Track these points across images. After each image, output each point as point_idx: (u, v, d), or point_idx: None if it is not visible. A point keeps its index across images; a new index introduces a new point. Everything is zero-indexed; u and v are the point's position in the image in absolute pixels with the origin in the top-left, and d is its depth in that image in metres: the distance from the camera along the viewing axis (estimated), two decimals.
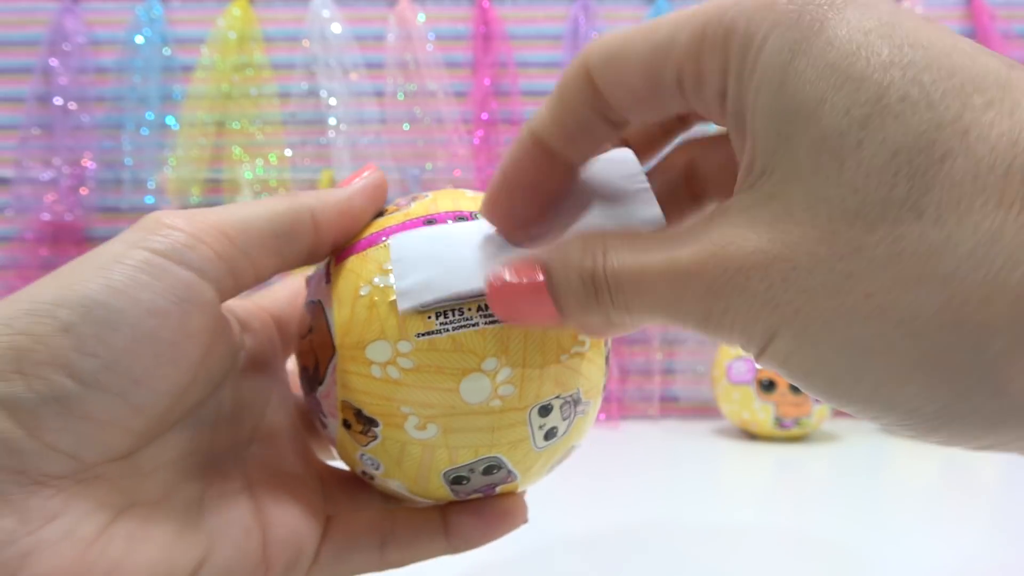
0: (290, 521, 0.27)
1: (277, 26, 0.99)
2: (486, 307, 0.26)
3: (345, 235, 0.28)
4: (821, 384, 0.18)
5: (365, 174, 0.29)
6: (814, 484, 0.64)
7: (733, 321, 0.19)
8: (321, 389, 0.28)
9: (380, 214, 0.30)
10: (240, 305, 0.30)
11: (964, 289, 0.15)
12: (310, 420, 0.32)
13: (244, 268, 0.24)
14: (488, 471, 0.28)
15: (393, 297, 0.26)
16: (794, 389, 0.77)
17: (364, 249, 0.28)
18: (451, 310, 0.26)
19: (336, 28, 0.98)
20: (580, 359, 0.28)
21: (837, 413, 0.95)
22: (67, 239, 0.95)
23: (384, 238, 0.27)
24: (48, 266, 0.95)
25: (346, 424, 0.28)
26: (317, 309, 0.29)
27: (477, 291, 0.25)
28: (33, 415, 0.20)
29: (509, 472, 0.28)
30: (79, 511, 0.21)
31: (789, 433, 0.79)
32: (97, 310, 0.20)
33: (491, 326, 0.26)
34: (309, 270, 0.31)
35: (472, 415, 0.26)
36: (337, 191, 0.27)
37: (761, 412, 0.78)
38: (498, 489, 0.30)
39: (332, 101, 0.97)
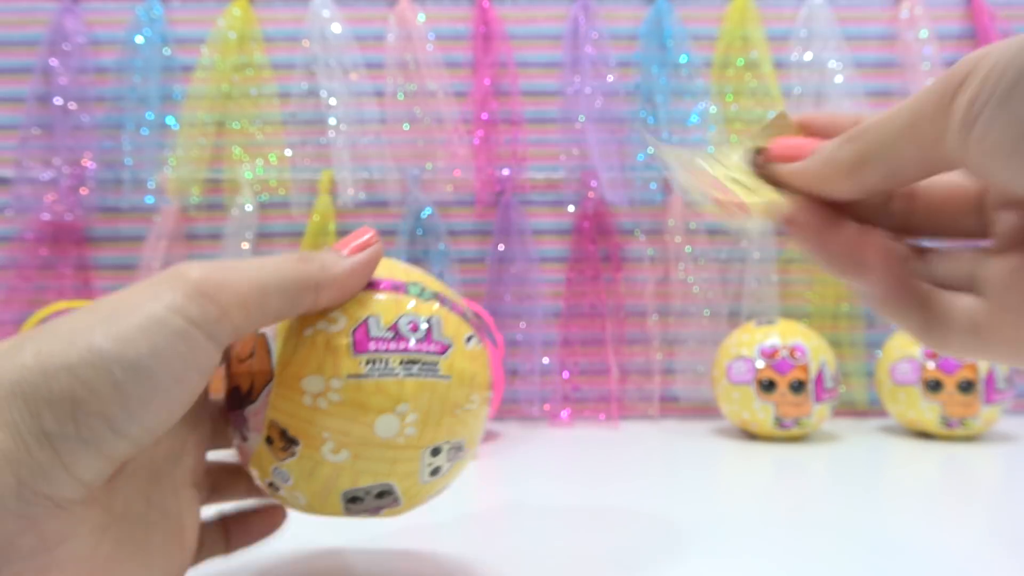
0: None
1: (277, 26, 1.00)
2: (407, 361, 0.33)
3: (337, 303, 0.33)
4: None
5: (367, 248, 0.33)
6: (814, 484, 0.64)
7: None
8: (251, 408, 0.34)
9: None
10: None
11: None
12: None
13: (247, 330, 0.29)
14: (380, 495, 0.34)
15: (336, 341, 0.32)
16: (794, 389, 0.77)
17: None
18: (378, 360, 0.33)
19: (336, 28, 0.98)
20: (469, 414, 0.35)
21: (837, 413, 0.95)
22: (67, 239, 0.95)
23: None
24: (48, 266, 0.95)
25: (269, 440, 0.33)
26: (262, 340, 0.34)
27: None
28: (73, 454, 0.23)
29: (396, 499, 0.35)
30: (82, 532, 0.25)
31: (789, 433, 0.79)
32: (143, 373, 0.24)
33: (409, 378, 0.33)
34: None
35: (379, 447, 0.33)
36: (342, 264, 0.32)
37: (761, 412, 0.78)
38: (382, 512, 0.36)
39: (332, 101, 0.97)
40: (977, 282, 0.25)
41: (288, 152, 0.98)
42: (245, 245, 0.96)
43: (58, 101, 0.96)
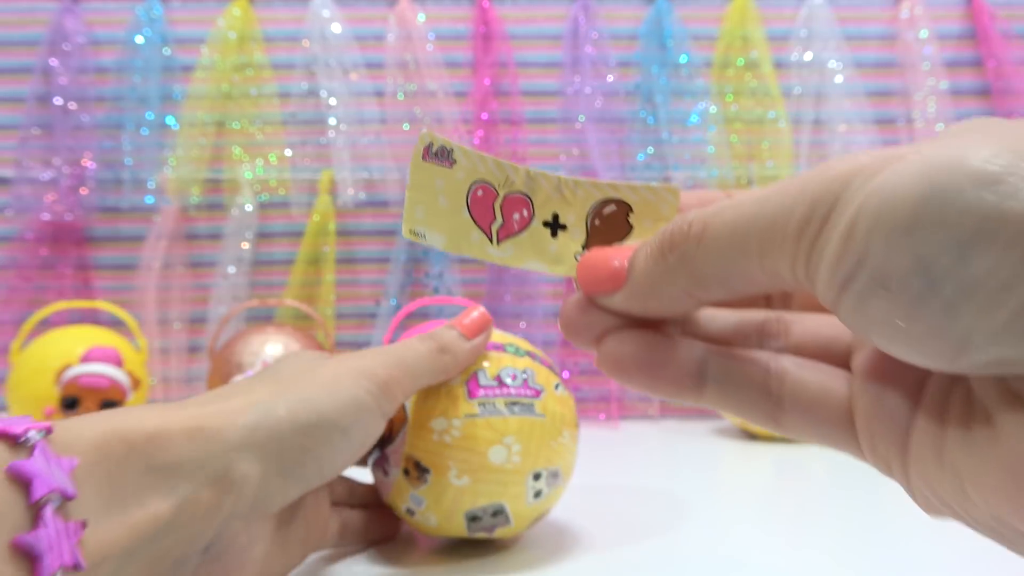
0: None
1: (277, 26, 1.00)
2: (510, 403, 0.42)
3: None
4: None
5: (484, 330, 0.43)
6: (814, 484, 0.64)
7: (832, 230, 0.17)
8: (391, 447, 0.44)
9: None
10: None
11: None
12: None
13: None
14: (495, 514, 0.43)
15: (454, 390, 0.42)
16: None
17: None
18: (487, 403, 0.42)
19: (336, 28, 0.98)
20: (562, 446, 0.44)
21: None
22: (67, 239, 0.95)
23: None
24: (48, 266, 0.95)
25: (406, 472, 0.43)
26: None
27: None
28: (292, 486, 0.34)
29: (508, 518, 0.43)
30: (267, 534, 0.34)
31: None
32: (348, 436, 0.36)
33: (512, 416, 0.42)
34: None
35: (493, 471, 0.42)
36: (465, 348, 0.42)
37: None
38: (496, 531, 0.44)
39: (332, 101, 0.97)
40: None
41: (288, 152, 0.98)
42: (245, 245, 0.96)
43: (58, 101, 0.96)
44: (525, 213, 0.23)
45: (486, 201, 0.23)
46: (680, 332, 0.23)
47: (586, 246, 0.23)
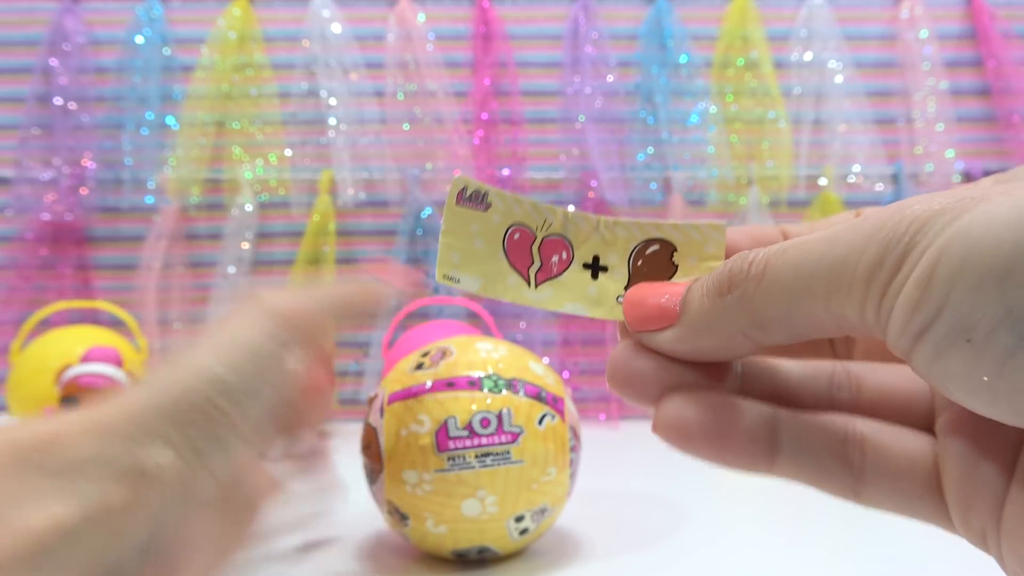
0: None
1: (277, 26, 0.99)
2: (481, 455, 0.41)
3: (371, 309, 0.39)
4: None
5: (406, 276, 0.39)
6: None
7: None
8: (374, 487, 0.45)
9: (419, 365, 0.45)
10: None
11: None
12: None
13: (315, 342, 0.35)
14: (480, 552, 0.44)
15: (422, 441, 0.42)
16: None
17: (405, 399, 0.44)
18: (457, 456, 0.41)
19: (336, 28, 0.98)
20: (548, 484, 0.43)
21: None
22: (67, 239, 0.95)
23: (420, 393, 0.44)
24: (48, 266, 0.95)
25: (389, 512, 0.45)
26: (373, 434, 0.45)
27: None
28: (215, 463, 0.30)
29: (495, 552, 0.44)
30: (204, 524, 0.31)
31: None
32: (255, 392, 0.31)
33: (484, 469, 0.42)
34: (373, 391, 0.47)
35: (469, 522, 0.42)
36: (374, 287, 0.38)
37: None
38: (487, 560, 0.45)
39: (332, 101, 0.97)
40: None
41: (288, 152, 0.98)
42: (245, 245, 0.96)
43: (58, 101, 0.96)
44: (564, 256, 0.22)
45: (523, 244, 0.22)
46: (739, 387, 0.21)
47: (628, 287, 0.22)
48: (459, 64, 1.00)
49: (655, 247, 0.22)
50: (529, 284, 0.22)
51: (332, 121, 0.97)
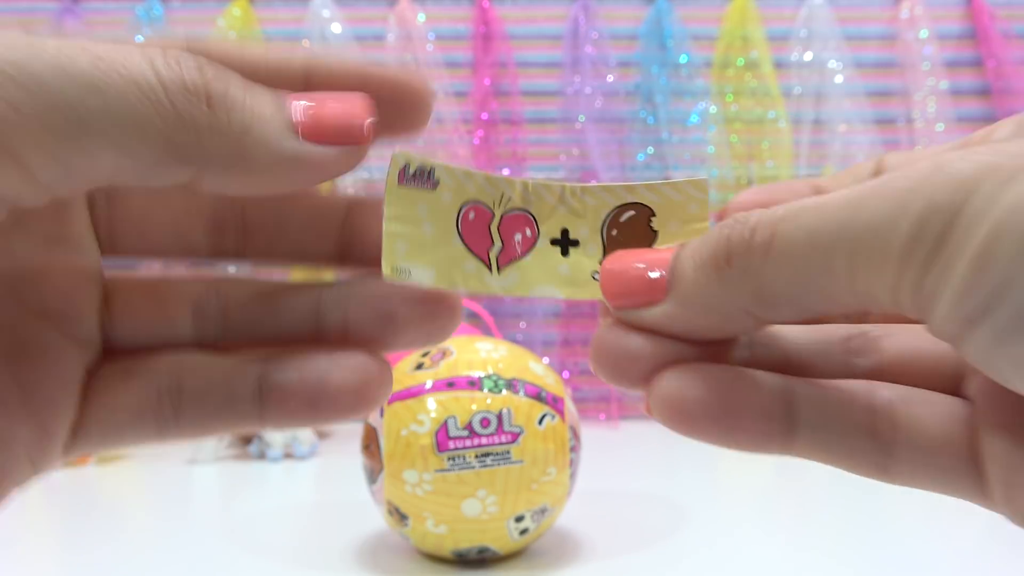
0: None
1: (277, 26, 0.99)
2: (481, 455, 0.41)
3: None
4: None
5: (346, 143, 0.18)
6: (814, 484, 0.64)
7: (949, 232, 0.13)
8: (374, 486, 0.45)
9: (419, 366, 0.45)
10: None
11: None
12: None
13: None
14: (481, 552, 0.44)
15: (423, 441, 0.42)
16: None
17: (405, 399, 0.44)
18: (457, 456, 0.41)
19: (336, 28, 0.98)
20: (548, 484, 0.43)
21: None
22: None
23: (420, 393, 0.43)
24: None
25: (389, 512, 0.45)
26: (373, 434, 0.45)
27: None
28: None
29: (495, 553, 0.45)
30: None
31: None
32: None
33: (484, 469, 0.41)
34: None
35: (469, 522, 0.42)
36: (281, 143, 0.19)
37: None
38: (487, 559, 0.45)
39: None
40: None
41: None
42: None
43: None
44: (528, 232, 0.20)
45: (480, 224, 0.19)
46: (747, 357, 0.19)
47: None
48: (459, 64, 1.00)
49: (630, 213, 0.19)
50: (491, 269, 0.20)
51: None
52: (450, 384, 0.43)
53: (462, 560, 0.45)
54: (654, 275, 0.17)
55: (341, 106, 0.18)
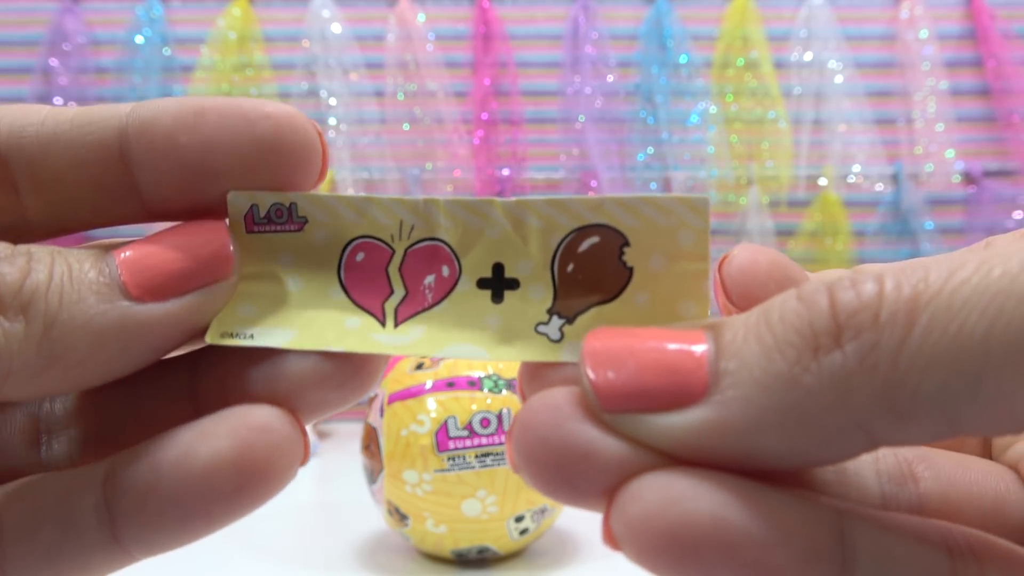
0: None
1: (277, 26, 0.99)
2: (482, 455, 0.41)
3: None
4: None
5: (194, 288, 0.14)
6: None
7: None
8: (374, 487, 0.45)
9: (419, 365, 0.45)
10: None
11: None
12: None
13: None
14: (481, 552, 0.45)
15: (423, 441, 0.42)
16: None
17: (405, 399, 0.44)
18: (457, 456, 0.41)
19: (336, 28, 0.98)
20: None
21: None
22: (67, 240, 0.95)
23: (420, 393, 0.43)
24: None
25: (389, 512, 0.45)
26: (373, 434, 0.45)
27: None
28: None
29: (495, 553, 0.45)
30: None
31: None
32: None
33: (484, 469, 0.42)
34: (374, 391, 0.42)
35: (469, 522, 0.43)
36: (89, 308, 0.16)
37: None
38: (487, 559, 0.45)
39: (332, 101, 0.97)
40: None
41: None
42: None
43: (58, 101, 0.96)
44: (446, 272, 0.14)
45: (372, 266, 0.14)
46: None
47: (554, 309, 0.14)
48: (459, 64, 1.00)
49: (593, 239, 0.13)
50: (384, 324, 0.14)
51: (332, 121, 0.97)
52: (450, 384, 0.43)
53: (462, 560, 0.45)
54: (685, 365, 0.11)
55: (184, 239, 0.14)
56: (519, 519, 0.43)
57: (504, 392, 0.43)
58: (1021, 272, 0.10)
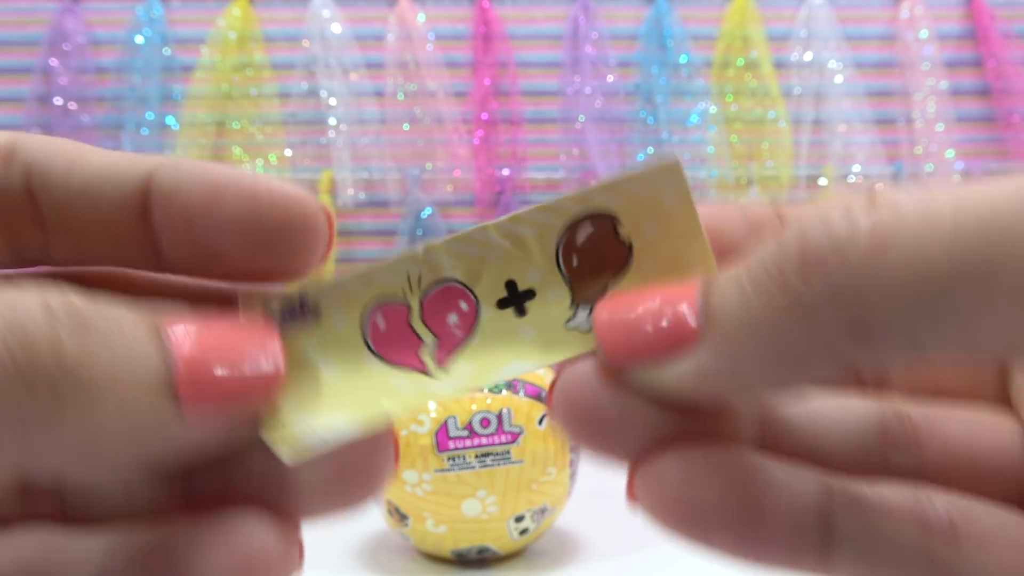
0: None
1: (277, 26, 0.99)
2: (481, 455, 0.41)
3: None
4: None
5: (239, 397, 0.14)
6: None
7: None
8: None
9: None
10: None
11: None
12: None
13: None
14: (481, 552, 0.45)
15: (422, 441, 0.42)
16: None
17: None
18: (457, 456, 0.41)
19: (336, 28, 0.98)
20: (548, 484, 0.43)
21: None
22: None
23: None
24: None
25: (389, 512, 0.45)
26: None
27: None
28: None
29: (495, 553, 0.45)
30: None
31: None
32: None
33: (484, 469, 0.42)
34: None
35: (468, 522, 0.43)
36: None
37: None
38: (487, 559, 0.45)
39: (332, 101, 0.97)
40: None
41: (288, 152, 0.98)
42: None
43: (58, 101, 0.96)
44: (465, 306, 0.15)
45: (397, 327, 0.15)
46: (759, 441, 0.14)
47: (575, 303, 0.14)
48: (459, 64, 1.00)
49: (587, 230, 0.14)
50: (430, 373, 0.15)
51: (332, 121, 0.97)
52: None
53: (462, 560, 0.45)
54: (678, 315, 0.12)
55: (239, 348, 0.13)
56: (519, 519, 0.43)
57: (504, 392, 0.43)
58: (983, 212, 0.10)
